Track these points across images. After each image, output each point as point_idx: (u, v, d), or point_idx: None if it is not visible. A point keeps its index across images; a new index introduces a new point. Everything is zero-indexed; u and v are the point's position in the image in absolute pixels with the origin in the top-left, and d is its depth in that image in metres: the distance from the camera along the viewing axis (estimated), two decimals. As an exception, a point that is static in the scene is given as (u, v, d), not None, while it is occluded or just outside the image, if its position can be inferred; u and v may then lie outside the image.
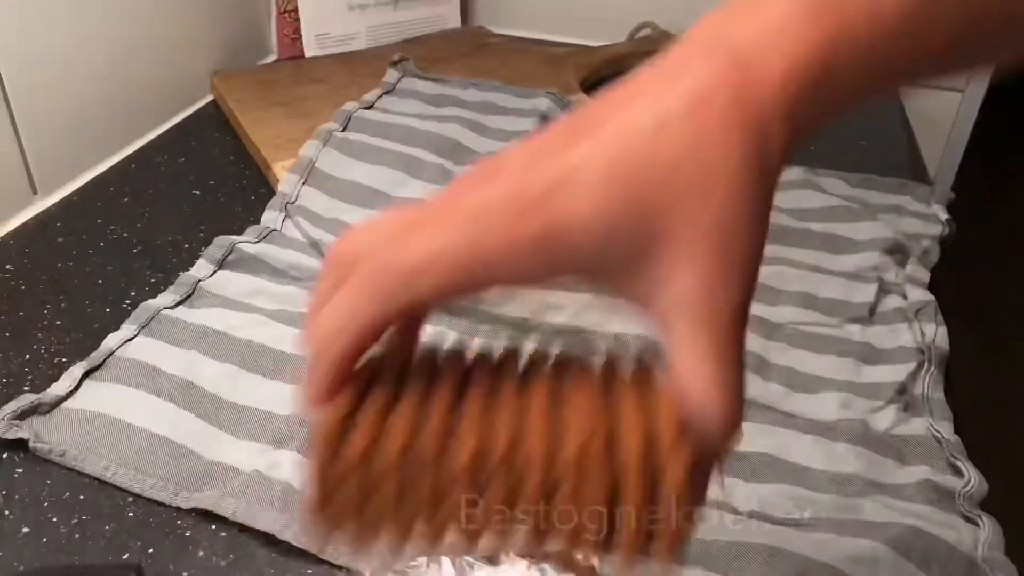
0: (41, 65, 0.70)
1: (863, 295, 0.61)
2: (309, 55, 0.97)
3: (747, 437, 0.50)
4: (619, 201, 0.24)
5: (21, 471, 0.47)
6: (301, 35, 0.97)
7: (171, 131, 0.84)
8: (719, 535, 0.44)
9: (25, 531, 0.44)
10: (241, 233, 0.65)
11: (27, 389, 0.52)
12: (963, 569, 0.42)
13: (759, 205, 0.25)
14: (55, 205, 0.71)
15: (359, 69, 0.91)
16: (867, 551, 0.42)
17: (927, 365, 0.55)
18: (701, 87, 0.25)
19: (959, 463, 0.48)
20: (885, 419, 0.52)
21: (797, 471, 0.48)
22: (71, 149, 0.74)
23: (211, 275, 0.61)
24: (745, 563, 0.42)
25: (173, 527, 0.45)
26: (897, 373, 0.55)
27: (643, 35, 1.01)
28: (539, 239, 0.25)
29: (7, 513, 0.45)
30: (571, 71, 0.92)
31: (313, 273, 0.62)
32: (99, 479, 0.47)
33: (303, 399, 0.28)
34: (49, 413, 0.50)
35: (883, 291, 0.62)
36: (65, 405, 0.50)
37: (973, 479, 0.47)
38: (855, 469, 0.48)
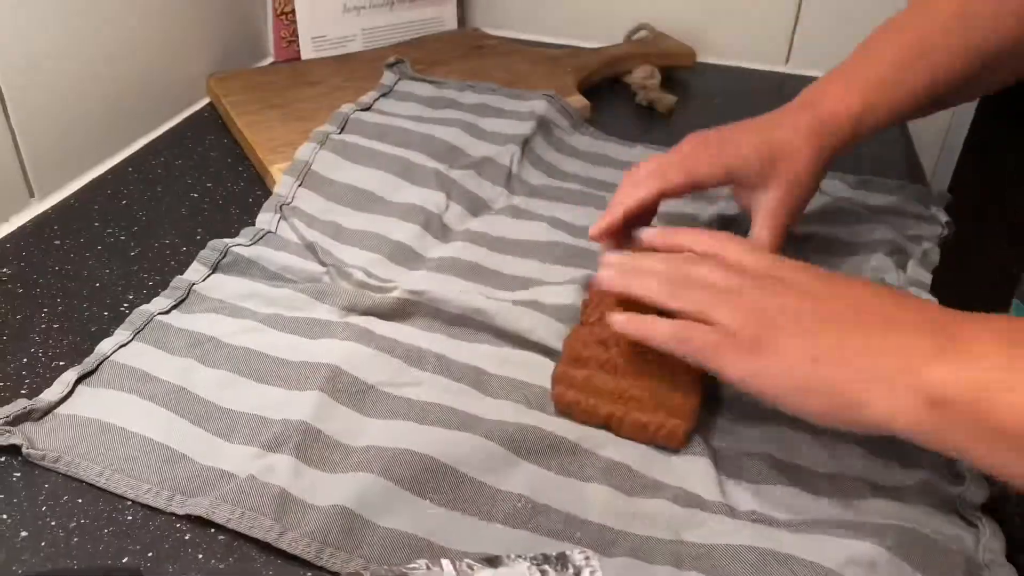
0: (38, 68, 0.70)
1: None
2: (305, 57, 0.97)
3: (749, 439, 0.51)
4: (760, 156, 0.58)
5: (19, 475, 0.47)
6: (297, 37, 0.97)
7: (168, 134, 0.84)
8: (719, 538, 0.44)
9: (23, 535, 0.44)
10: (237, 236, 0.65)
11: (24, 393, 0.52)
12: (962, 572, 0.42)
13: (814, 177, 0.59)
14: (52, 208, 0.71)
15: (355, 71, 0.91)
16: (866, 553, 0.42)
17: None
18: (796, 118, 0.59)
19: (958, 465, 0.48)
20: None
21: (798, 472, 0.48)
22: (68, 152, 0.74)
23: (204, 279, 0.61)
24: (743, 565, 0.42)
25: (172, 530, 0.44)
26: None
27: (639, 37, 1.01)
28: (727, 169, 0.58)
29: (5, 517, 0.45)
30: (568, 73, 0.92)
31: (308, 275, 0.62)
32: (94, 483, 0.47)
33: (595, 227, 0.58)
34: (41, 419, 0.50)
35: None
36: (58, 411, 0.50)
37: (972, 482, 0.47)
38: (856, 471, 0.48)
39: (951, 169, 1.01)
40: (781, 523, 0.45)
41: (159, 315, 0.57)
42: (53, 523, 0.45)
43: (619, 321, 0.48)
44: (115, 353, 0.54)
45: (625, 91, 0.94)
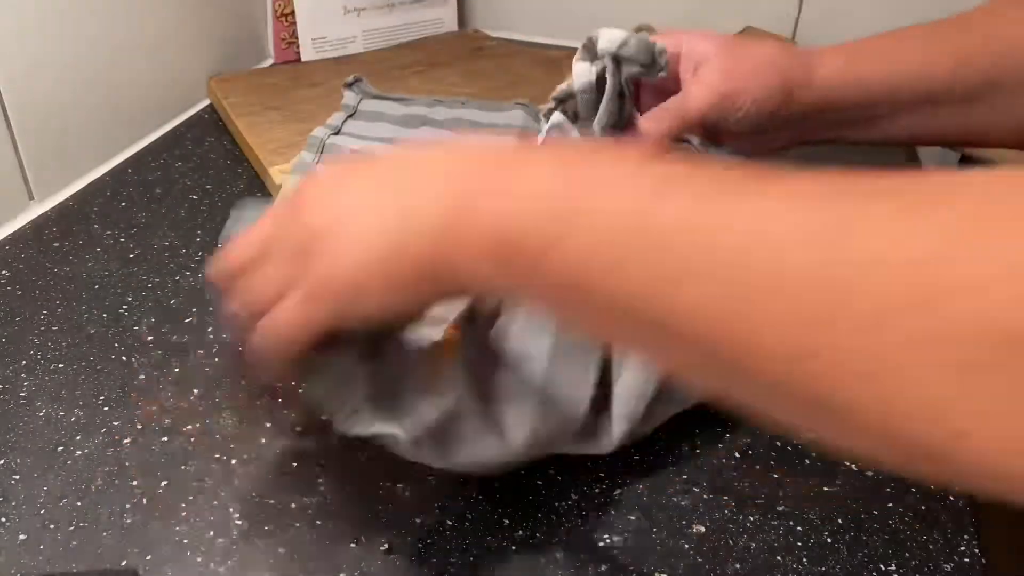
0: (37, 70, 0.70)
1: None
2: (306, 59, 0.97)
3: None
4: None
5: (18, 477, 0.47)
6: (298, 39, 0.97)
7: (168, 135, 0.84)
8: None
9: (23, 538, 0.44)
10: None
11: (23, 395, 0.52)
12: None
13: (765, 92, 0.57)
14: (52, 210, 0.71)
15: (355, 73, 0.91)
16: None
17: None
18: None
19: None
20: None
21: None
22: (68, 154, 0.74)
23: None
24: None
25: (171, 533, 0.44)
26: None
27: (640, 38, 1.01)
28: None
29: (4, 520, 0.45)
30: (569, 74, 0.92)
31: None
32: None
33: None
34: None
35: None
36: None
37: None
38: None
39: (951, 168, 1.01)
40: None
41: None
42: (52, 526, 0.45)
43: None
44: None
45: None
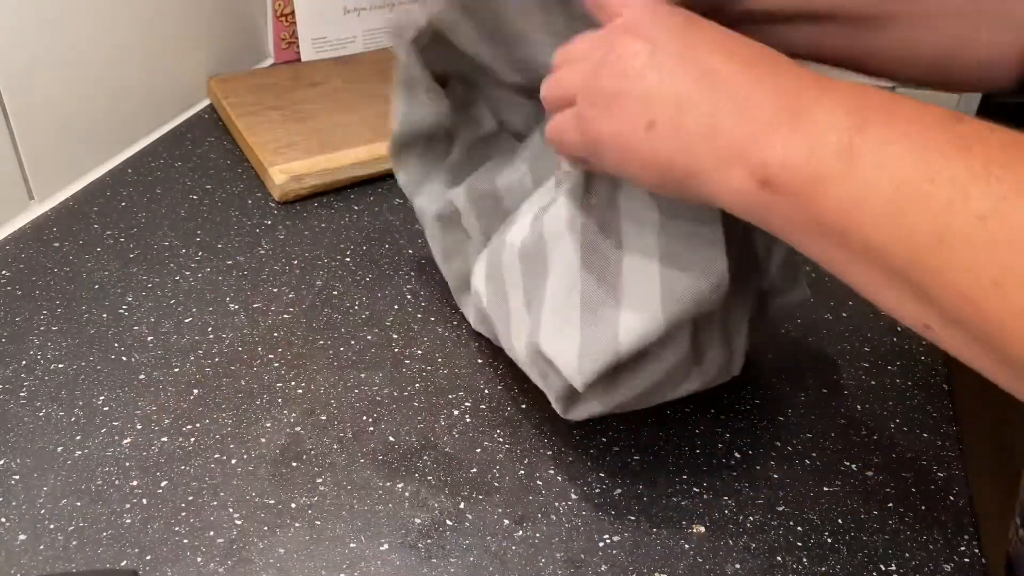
0: (37, 70, 0.70)
1: None
2: (306, 59, 0.97)
3: None
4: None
5: (17, 478, 0.47)
6: (297, 39, 0.97)
7: (168, 136, 0.84)
8: None
9: (22, 539, 0.44)
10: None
11: (23, 395, 0.52)
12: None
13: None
14: (52, 210, 0.71)
15: (356, 73, 0.91)
16: None
17: None
18: None
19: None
20: None
21: None
22: (68, 154, 0.74)
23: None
24: None
25: (170, 533, 0.44)
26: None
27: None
28: None
29: (3, 520, 0.45)
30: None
31: None
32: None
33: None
34: None
35: None
36: None
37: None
38: None
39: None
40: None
41: None
42: (52, 526, 0.44)
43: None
44: None
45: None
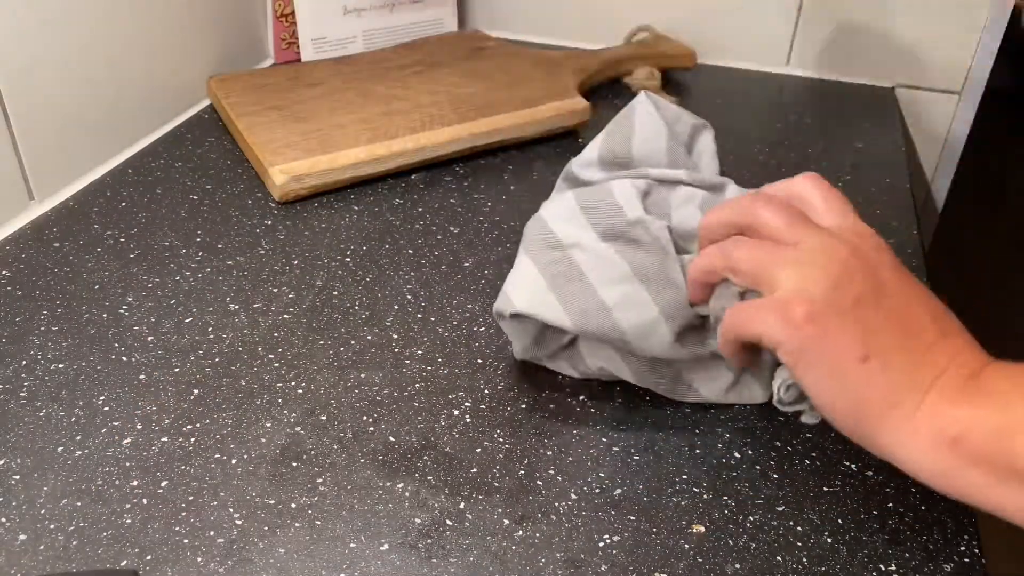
0: (37, 70, 0.70)
1: None
2: (306, 59, 0.97)
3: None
4: None
5: (17, 478, 0.47)
6: (298, 39, 0.97)
7: (168, 136, 0.84)
8: None
9: (22, 539, 0.44)
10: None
11: (23, 395, 0.52)
12: None
13: None
14: (52, 210, 0.71)
15: (356, 73, 0.91)
16: None
17: None
18: None
19: None
20: None
21: None
22: (68, 154, 0.74)
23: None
24: None
25: (170, 533, 0.44)
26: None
27: (640, 38, 1.01)
28: None
29: (4, 520, 0.45)
30: (569, 74, 0.92)
31: None
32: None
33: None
34: None
35: None
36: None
37: None
38: None
39: (952, 169, 1.01)
40: None
41: None
42: (52, 526, 0.45)
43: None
44: None
45: (626, 92, 0.94)
